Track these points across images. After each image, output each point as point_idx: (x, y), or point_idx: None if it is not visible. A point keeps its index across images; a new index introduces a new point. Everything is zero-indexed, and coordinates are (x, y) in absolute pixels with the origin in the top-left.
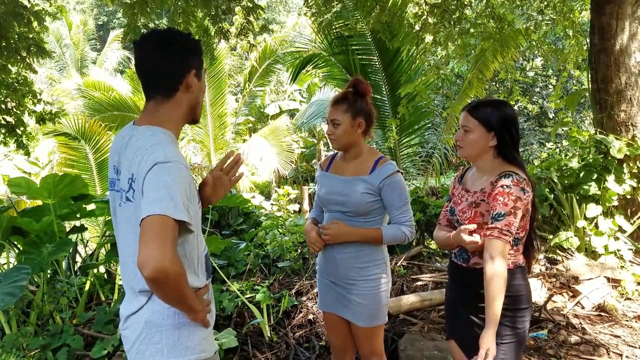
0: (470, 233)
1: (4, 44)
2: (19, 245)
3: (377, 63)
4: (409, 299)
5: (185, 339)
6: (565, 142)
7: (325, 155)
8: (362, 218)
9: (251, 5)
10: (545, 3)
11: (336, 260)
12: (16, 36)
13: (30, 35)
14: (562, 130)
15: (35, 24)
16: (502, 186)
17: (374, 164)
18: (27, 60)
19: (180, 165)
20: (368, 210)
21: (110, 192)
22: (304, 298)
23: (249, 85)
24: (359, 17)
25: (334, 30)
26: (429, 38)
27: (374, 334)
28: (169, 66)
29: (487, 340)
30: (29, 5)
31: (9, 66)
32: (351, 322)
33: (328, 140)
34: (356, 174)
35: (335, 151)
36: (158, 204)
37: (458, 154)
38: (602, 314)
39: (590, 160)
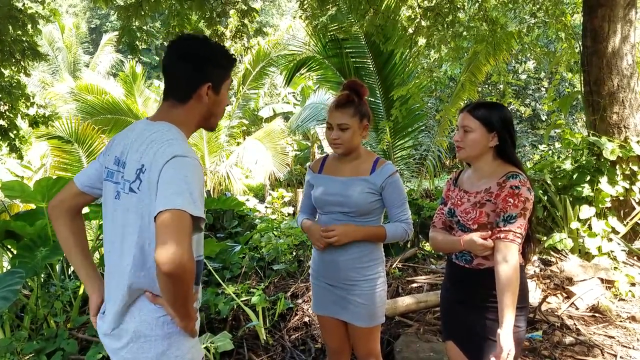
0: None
1: None
2: (12, 249)
3: (370, 66)
4: (405, 301)
5: (175, 349)
6: (558, 144)
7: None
8: (362, 218)
9: (246, 8)
10: (538, 6)
11: (338, 263)
12: (10, 39)
13: (25, 39)
14: (555, 132)
15: (29, 26)
16: (511, 187)
17: (373, 165)
18: (22, 63)
19: (197, 162)
20: (369, 210)
21: (106, 182)
22: (300, 300)
23: (242, 88)
24: (353, 20)
25: (328, 33)
26: (422, 41)
27: (373, 334)
28: (184, 75)
29: (507, 341)
30: (22, 8)
31: (1, 69)
32: (349, 323)
33: (331, 145)
34: (355, 174)
35: (326, 153)
36: (179, 198)
37: (457, 156)
38: (596, 314)
39: (583, 162)
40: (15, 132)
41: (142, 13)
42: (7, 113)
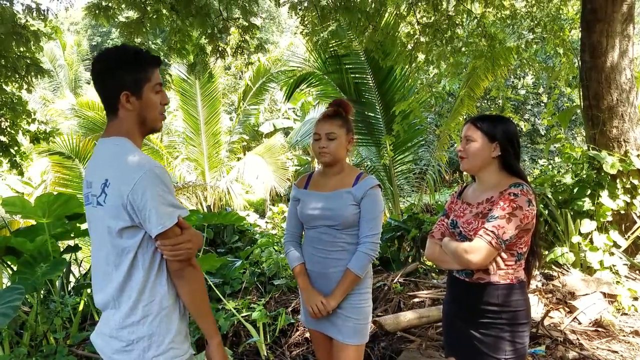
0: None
1: (2, 62)
2: (12, 266)
3: (370, 81)
4: (407, 316)
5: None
6: (557, 159)
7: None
8: (347, 230)
9: (247, 25)
10: (536, 22)
11: (328, 275)
12: (14, 56)
13: (28, 55)
14: (555, 146)
15: (31, 43)
16: (509, 193)
17: (356, 178)
18: (25, 79)
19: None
20: (354, 222)
21: (87, 208)
22: (301, 316)
23: (243, 104)
24: (352, 36)
25: (329, 49)
26: (421, 57)
27: (358, 354)
28: (102, 91)
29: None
30: (25, 25)
31: (3, 85)
32: (336, 341)
33: (317, 154)
34: (339, 187)
35: (313, 169)
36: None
37: (461, 167)
38: (599, 329)
39: (584, 176)
40: (16, 148)
41: (144, 30)
42: (9, 129)
